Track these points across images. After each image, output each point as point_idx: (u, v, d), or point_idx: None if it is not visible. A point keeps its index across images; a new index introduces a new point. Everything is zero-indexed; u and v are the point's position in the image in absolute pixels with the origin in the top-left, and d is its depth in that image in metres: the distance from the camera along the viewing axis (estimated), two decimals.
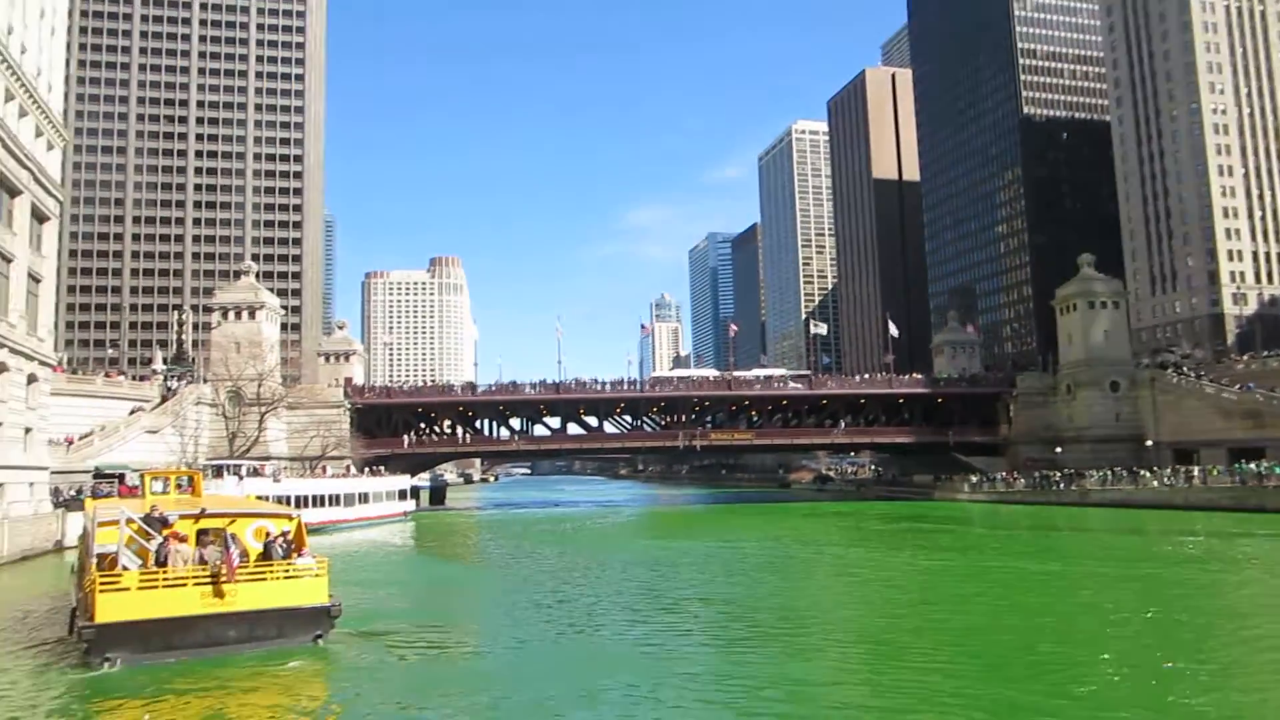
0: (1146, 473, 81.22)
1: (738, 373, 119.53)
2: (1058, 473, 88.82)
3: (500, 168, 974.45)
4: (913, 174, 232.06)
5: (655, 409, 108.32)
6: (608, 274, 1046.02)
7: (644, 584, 37.14)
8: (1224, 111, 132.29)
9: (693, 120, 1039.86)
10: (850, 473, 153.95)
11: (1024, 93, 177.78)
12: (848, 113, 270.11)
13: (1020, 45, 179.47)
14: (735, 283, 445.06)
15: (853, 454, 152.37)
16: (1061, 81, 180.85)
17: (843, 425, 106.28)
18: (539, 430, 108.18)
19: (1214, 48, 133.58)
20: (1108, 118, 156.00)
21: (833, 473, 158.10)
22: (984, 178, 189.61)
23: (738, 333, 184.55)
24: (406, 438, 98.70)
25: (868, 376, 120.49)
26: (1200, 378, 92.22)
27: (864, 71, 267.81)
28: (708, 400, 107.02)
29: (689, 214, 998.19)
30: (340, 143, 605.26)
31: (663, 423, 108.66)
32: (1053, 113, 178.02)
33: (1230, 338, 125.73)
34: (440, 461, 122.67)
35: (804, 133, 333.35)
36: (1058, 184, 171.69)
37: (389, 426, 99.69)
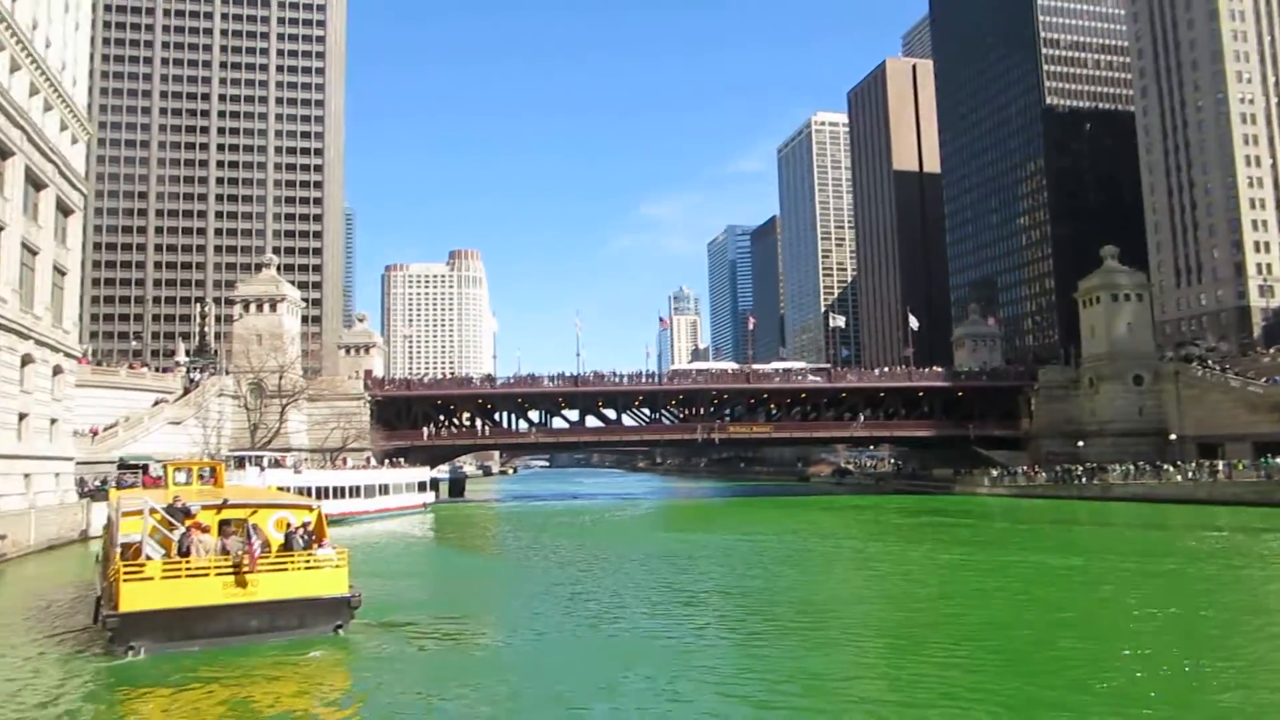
0: (1170, 467, 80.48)
1: (756, 366, 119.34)
2: (1079, 467, 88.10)
3: (519, 161, 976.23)
4: (933, 166, 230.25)
5: (674, 402, 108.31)
6: (626, 266, 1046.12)
7: (662, 577, 37.16)
8: (1251, 101, 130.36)
9: (711, 113, 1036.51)
10: (869, 466, 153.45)
11: (1047, 83, 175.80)
12: (868, 104, 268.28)
13: (1043, 35, 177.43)
14: (754, 275, 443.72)
15: (872, 447, 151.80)
16: (1085, 72, 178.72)
17: (862, 419, 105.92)
18: (557, 423, 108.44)
19: (1241, 36, 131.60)
20: (1132, 108, 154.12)
21: (852, 466, 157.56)
22: (1006, 169, 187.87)
23: (756, 325, 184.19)
24: (426, 430, 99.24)
25: (887, 370, 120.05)
26: (1225, 371, 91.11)
27: (885, 62, 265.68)
28: (726, 393, 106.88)
29: (708, 206, 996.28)
30: (360, 137, 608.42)
31: (681, 416, 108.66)
32: (1076, 103, 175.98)
33: (1256, 330, 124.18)
34: (459, 454, 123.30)
35: (824, 124, 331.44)
36: (1081, 175, 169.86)
37: (408, 419, 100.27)
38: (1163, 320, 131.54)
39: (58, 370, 52.47)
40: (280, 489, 45.99)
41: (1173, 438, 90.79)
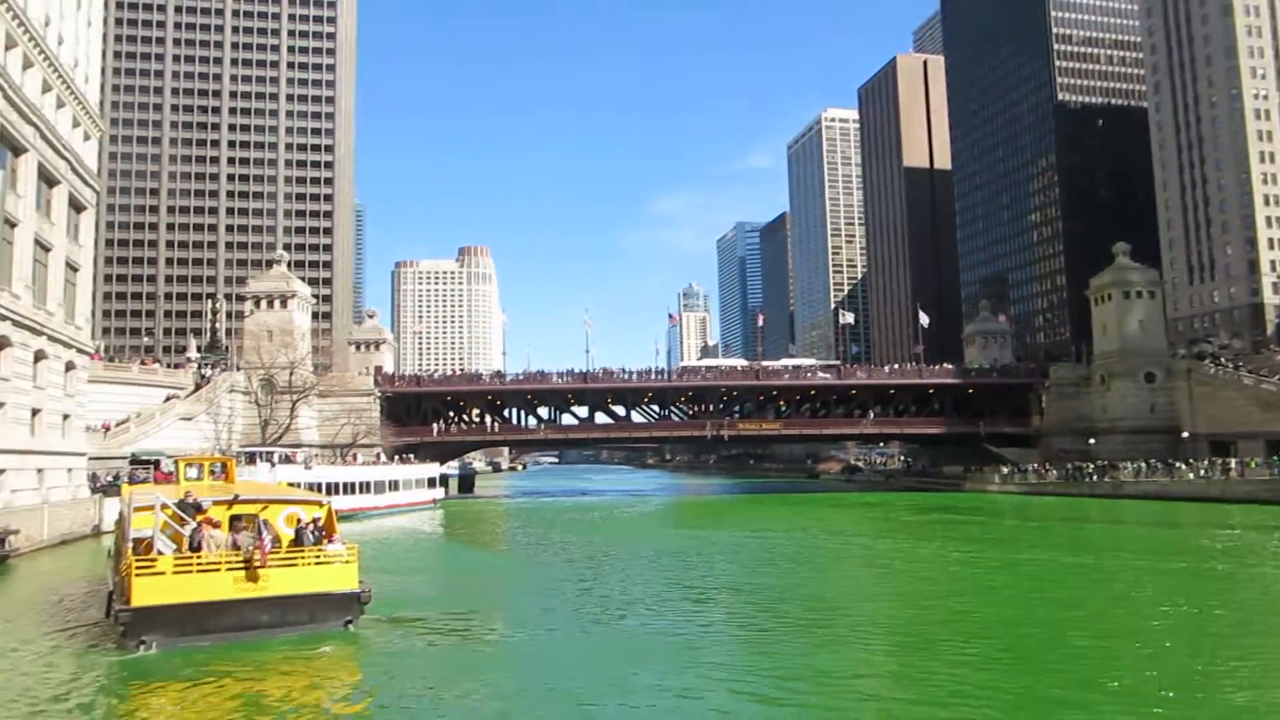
0: (1182, 465, 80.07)
1: (766, 362, 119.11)
2: (1091, 464, 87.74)
3: (529, 158, 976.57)
4: (944, 162, 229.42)
5: (683, 399, 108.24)
6: (636, 263, 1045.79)
7: (672, 573, 37.17)
8: (1265, 97, 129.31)
9: (721, 109, 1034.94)
10: (879, 463, 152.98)
11: (1059, 79, 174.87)
12: (879, 100, 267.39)
13: (1055, 30, 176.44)
14: (764, 272, 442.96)
15: (882, 445, 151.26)
16: (1097, 68, 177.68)
17: (872, 416, 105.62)
18: (567, 419, 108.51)
19: (1256, 31, 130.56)
20: (1145, 104, 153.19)
21: (861, 463, 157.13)
22: (1017, 165, 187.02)
23: (766, 322, 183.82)
24: (435, 426, 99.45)
25: (897, 367, 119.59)
26: (1238, 369, 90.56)
27: (895, 58, 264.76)
28: (736, 390, 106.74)
29: (717, 203, 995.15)
30: (370, 134, 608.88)
31: (690, 412, 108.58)
32: (1088, 99, 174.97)
33: (1270, 328, 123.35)
34: (469, 450, 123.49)
35: (834, 121, 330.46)
36: (1093, 172, 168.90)
37: (418, 415, 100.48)
38: (1175, 317, 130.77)
39: (70, 366, 52.77)
40: (291, 485, 46.15)
41: (1185, 435, 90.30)
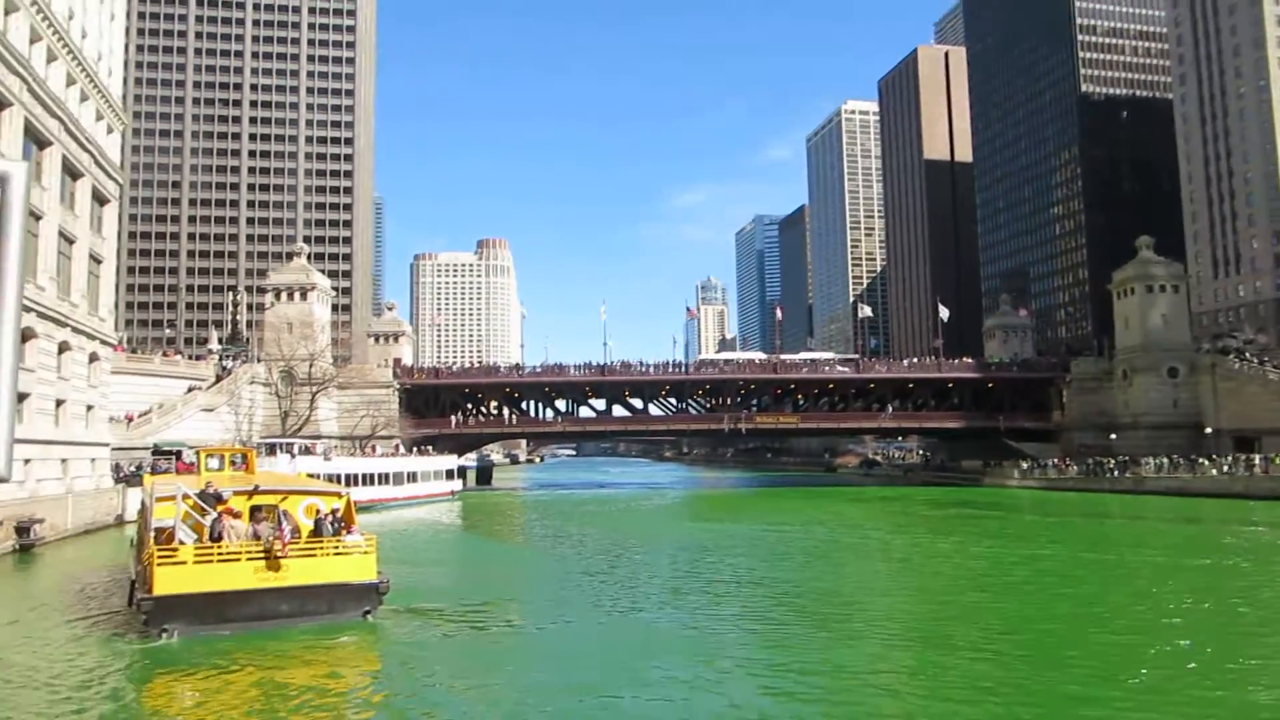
0: (1205, 460, 79.20)
1: (784, 356, 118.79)
2: (1112, 460, 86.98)
3: (547, 152, 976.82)
4: (965, 155, 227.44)
5: (700, 392, 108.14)
6: (654, 256, 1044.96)
7: (689, 566, 37.17)
8: None
9: (740, 102, 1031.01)
10: (897, 458, 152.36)
11: (1082, 70, 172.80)
12: (899, 92, 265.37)
13: (1079, 21, 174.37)
14: (782, 265, 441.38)
15: (900, 439, 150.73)
16: (1122, 59, 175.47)
17: (890, 409, 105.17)
18: (584, 412, 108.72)
19: None
20: (1170, 95, 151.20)
21: (879, 457, 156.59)
22: (1039, 158, 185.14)
23: (784, 315, 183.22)
24: (454, 418, 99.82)
25: (916, 360, 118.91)
26: (1263, 364, 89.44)
27: (916, 50, 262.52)
28: (753, 383, 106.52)
29: (736, 196, 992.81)
30: (389, 126, 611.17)
31: (708, 405, 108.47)
32: (1112, 91, 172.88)
33: None
34: (487, 442, 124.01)
35: (854, 113, 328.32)
36: (1116, 164, 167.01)
37: (437, 407, 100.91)
38: (1200, 311, 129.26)
39: (94, 357, 53.31)
40: (310, 476, 46.54)
41: (1208, 431, 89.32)
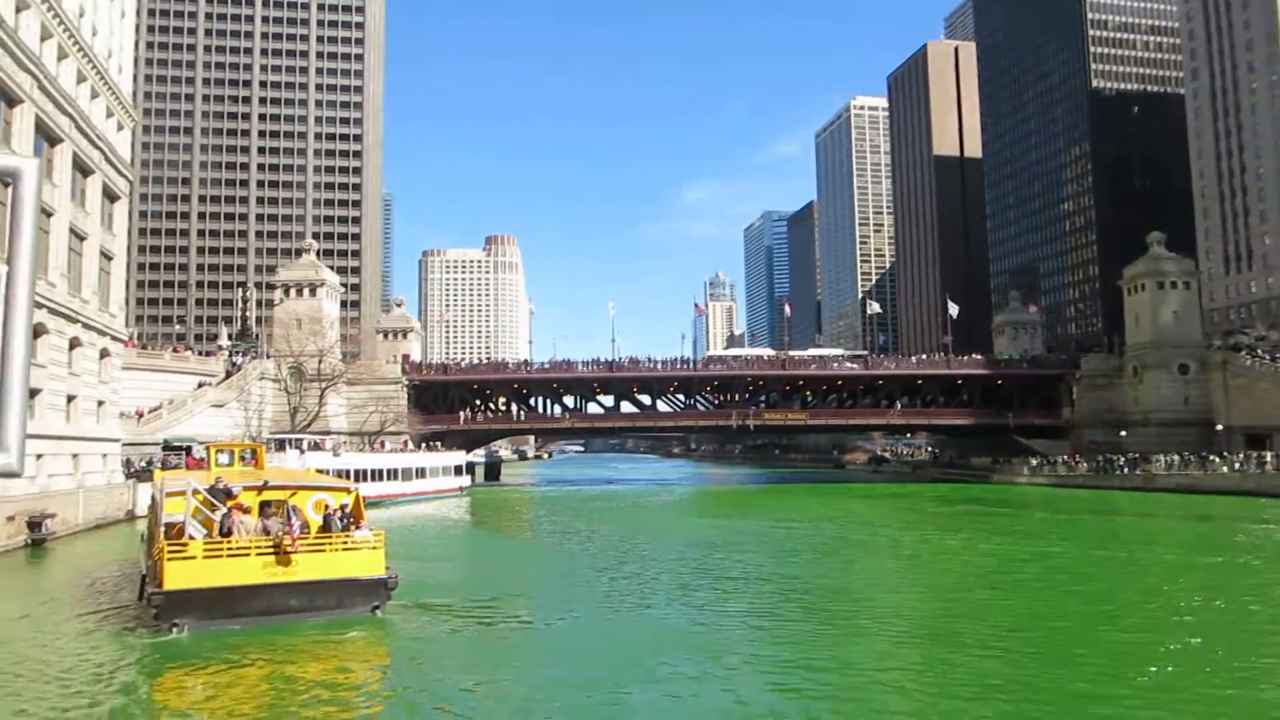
0: (1216, 458, 78.77)
1: (792, 352, 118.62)
2: (1122, 457, 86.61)
3: (555, 148, 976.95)
4: (975, 150, 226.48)
5: (709, 388, 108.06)
6: (662, 253, 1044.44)
7: (697, 562, 37.16)
8: None
9: (748, 98, 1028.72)
10: (906, 454, 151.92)
11: (1093, 65, 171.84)
12: (908, 88, 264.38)
13: (1090, 16, 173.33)
14: (790, 261, 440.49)
15: (909, 435, 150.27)
16: (1133, 53, 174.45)
17: (899, 406, 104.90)
18: (592, 408, 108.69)
19: None
20: (1181, 90, 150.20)
21: (888, 454, 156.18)
22: (1050, 154, 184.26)
23: (793, 312, 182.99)
24: (462, 414, 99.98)
25: (925, 357, 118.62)
26: (1276, 360, 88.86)
27: (926, 45, 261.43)
28: (762, 380, 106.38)
29: (744, 192, 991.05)
30: (398, 123, 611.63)
31: (716, 402, 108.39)
32: (1123, 86, 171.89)
33: None
34: (495, 438, 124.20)
35: (863, 109, 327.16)
36: (1127, 160, 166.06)
37: (445, 403, 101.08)
38: (1211, 308, 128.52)
39: (105, 353, 53.57)
40: (319, 471, 46.64)
41: (1219, 428, 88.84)
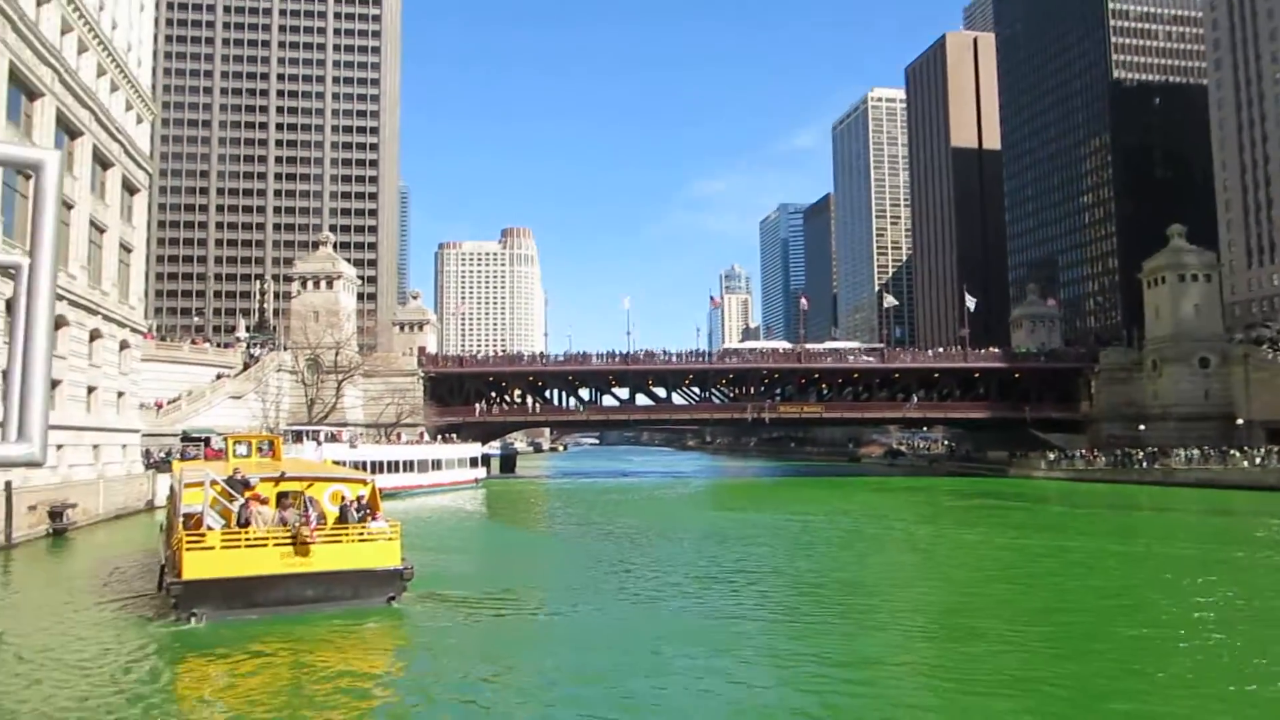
0: (1236, 452, 78.05)
1: (808, 345, 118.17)
2: (1140, 451, 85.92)
3: (571, 140, 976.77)
4: (993, 142, 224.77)
5: (724, 381, 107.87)
6: (678, 245, 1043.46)
7: (712, 555, 37.16)
8: None
9: (766, 89, 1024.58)
10: (922, 448, 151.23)
11: (1114, 56, 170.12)
12: (927, 79, 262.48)
13: (1111, 5, 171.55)
14: (806, 254, 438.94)
15: (925, 429, 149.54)
16: (1155, 44, 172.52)
17: (915, 399, 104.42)
18: (607, 401, 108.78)
19: None
20: (1204, 81, 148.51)
21: (904, 447, 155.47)
22: (1069, 145, 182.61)
23: (809, 305, 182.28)
24: (478, 406, 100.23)
25: (942, 350, 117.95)
26: None
27: (944, 36, 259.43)
28: (777, 372, 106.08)
29: (760, 184, 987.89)
30: (414, 116, 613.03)
31: (731, 395, 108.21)
32: (1145, 77, 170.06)
33: None
34: (510, 430, 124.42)
35: (880, 100, 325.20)
36: (1148, 151, 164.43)
37: (461, 395, 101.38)
38: (1232, 301, 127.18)
39: (124, 345, 54.04)
40: (336, 463, 46.92)
41: (1239, 422, 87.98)
